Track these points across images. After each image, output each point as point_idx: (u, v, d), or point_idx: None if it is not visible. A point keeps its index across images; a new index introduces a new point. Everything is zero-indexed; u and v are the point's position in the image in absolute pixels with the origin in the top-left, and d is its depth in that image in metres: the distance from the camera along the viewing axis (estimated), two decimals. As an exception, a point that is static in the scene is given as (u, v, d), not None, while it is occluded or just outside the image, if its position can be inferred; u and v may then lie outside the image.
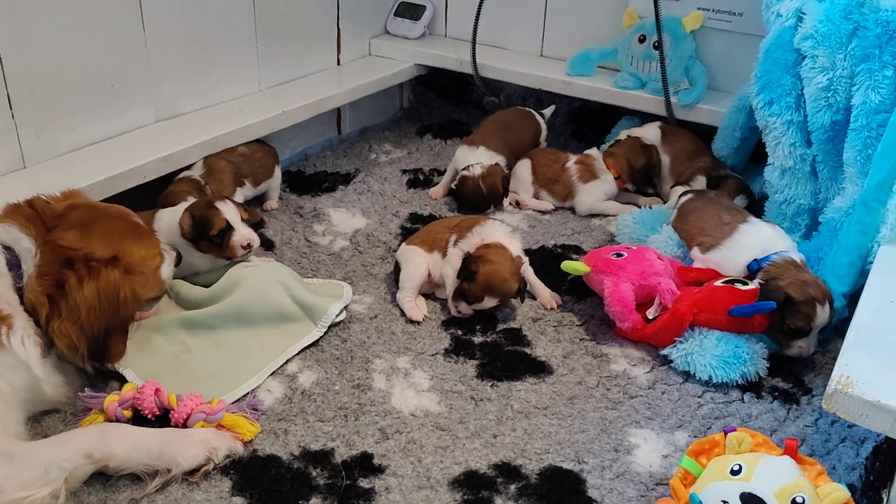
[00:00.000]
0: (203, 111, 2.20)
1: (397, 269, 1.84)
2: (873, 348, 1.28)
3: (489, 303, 1.72)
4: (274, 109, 2.24)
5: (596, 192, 2.25)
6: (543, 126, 2.45)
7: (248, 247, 1.79)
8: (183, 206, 1.81)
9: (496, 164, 2.22)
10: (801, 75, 1.81)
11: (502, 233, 1.81)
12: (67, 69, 1.84)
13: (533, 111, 2.47)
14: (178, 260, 1.69)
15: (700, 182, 2.20)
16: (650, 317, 1.67)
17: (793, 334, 1.61)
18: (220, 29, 2.18)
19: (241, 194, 2.09)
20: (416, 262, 1.81)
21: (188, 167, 2.01)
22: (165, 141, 1.99)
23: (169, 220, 1.80)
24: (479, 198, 2.20)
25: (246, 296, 1.68)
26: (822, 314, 1.58)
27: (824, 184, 1.89)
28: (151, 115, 2.07)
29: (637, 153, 2.26)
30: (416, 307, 1.78)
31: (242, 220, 1.80)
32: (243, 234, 1.78)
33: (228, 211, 1.78)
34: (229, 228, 1.76)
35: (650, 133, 2.34)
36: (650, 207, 2.13)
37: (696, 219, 1.86)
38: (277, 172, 2.23)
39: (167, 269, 1.63)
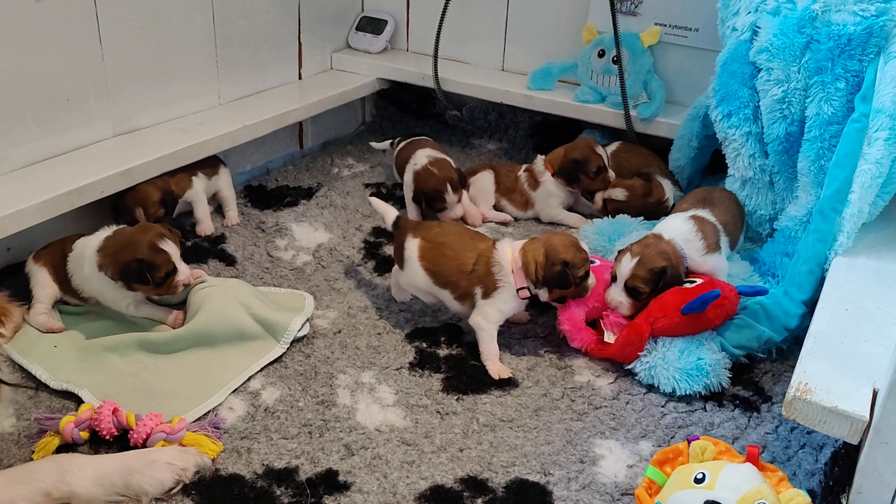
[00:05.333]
0: (162, 125, 2.17)
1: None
2: (830, 356, 1.31)
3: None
4: (235, 123, 2.22)
5: (546, 198, 2.27)
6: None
7: (187, 283, 1.71)
8: (101, 234, 1.70)
9: (442, 157, 2.20)
10: (758, 88, 1.85)
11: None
12: (21, 82, 1.80)
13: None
14: None
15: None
16: (608, 340, 1.68)
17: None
18: (178, 42, 2.16)
19: (199, 182, 2.12)
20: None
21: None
22: (123, 155, 1.96)
23: (83, 248, 1.70)
24: (433, 181, 2.12)
25: (205, 319, 1.66)
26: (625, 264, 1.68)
27: (780, 193, 1.93)
28: (109, 129, 2.04)
29: (581, 140, 2.25)
30: None
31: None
32: (185, 272, 1.69)
33: (172, 250, 1.67)
34: (174, 269, 1.67)
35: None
36: (612, 217, 2.14)
37: None
38: (224, 172, 2.21)
39: None
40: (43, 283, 1.73)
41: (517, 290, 1.65)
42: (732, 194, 1.98)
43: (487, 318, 1.66)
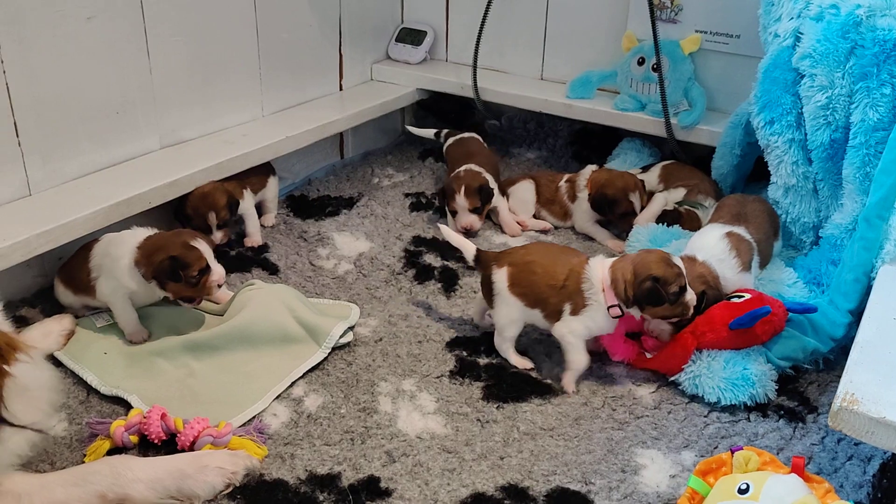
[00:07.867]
0: (207, 137, 2.21)
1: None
2: (877, 365, 1.29)
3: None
4: (277, 135, 2.26)
5: (579, 212, 2.27)
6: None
7: (221, 284, 1.72)
8: (131, 233, 1.71)
9: (480, 171, 2.25)
10: (801, 94, 1.83)
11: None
12: (73, 97, 1.86)
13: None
14: None
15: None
16: (648, 355, 1.67)
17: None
18: (223, 56, 2.21)
19: (248, 196, 2.16)
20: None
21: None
22: (170, 167, 2.01)
23: (112, 240, 1.71)
24: (455, 183, 2.19)
25: (249, 317, 1.69)
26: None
27: (824, 201, 1.90)
28: (156, 141, 2.09)
29: (622, 179, 2.18)
30: None
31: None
32: (219, 272, 1.70)
33: (205, 248, 1.68)
34: (207, 268, 1.67)
35: (650, 177, 2.33)
36: (667, 226, 2.10)
37: None
38: (272, 183, 2.27)
39: None
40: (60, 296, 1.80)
41: (608, 309, 1.59)
42: (767, 205, 1.94)
43: (573, 332, 1.60)
